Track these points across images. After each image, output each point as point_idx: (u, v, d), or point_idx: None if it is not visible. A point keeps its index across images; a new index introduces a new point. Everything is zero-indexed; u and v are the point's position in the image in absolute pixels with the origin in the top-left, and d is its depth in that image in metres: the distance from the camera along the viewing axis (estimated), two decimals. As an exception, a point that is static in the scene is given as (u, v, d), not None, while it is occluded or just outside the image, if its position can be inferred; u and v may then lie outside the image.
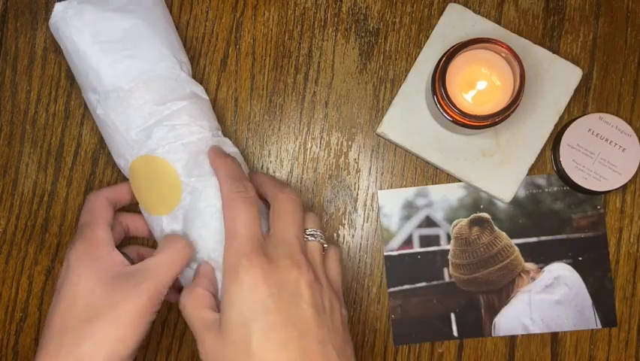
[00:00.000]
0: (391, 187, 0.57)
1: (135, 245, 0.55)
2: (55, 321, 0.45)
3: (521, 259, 0.57)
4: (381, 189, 0.57)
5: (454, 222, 0.57)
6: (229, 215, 0.47)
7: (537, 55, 0.56)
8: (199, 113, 0.51)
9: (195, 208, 0.49)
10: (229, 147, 0.52)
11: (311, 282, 0.45)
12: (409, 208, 0.57)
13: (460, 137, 0.56)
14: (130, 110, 0.49)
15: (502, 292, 0.56)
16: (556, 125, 0.56)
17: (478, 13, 0.57)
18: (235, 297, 0.44)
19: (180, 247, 0.48)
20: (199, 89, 0.52)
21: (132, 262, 0.49)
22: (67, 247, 0.49)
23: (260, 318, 0.43)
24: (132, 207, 0.54)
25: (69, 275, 0.46)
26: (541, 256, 0.57)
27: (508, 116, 0.51)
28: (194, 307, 0.46)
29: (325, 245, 0.49)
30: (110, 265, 0.47)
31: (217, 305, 0.46)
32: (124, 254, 0.49)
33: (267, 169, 0.58)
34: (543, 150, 0.56)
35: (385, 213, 0.57)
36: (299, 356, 0.43)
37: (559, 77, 0.56)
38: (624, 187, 0.56)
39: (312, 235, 0.48)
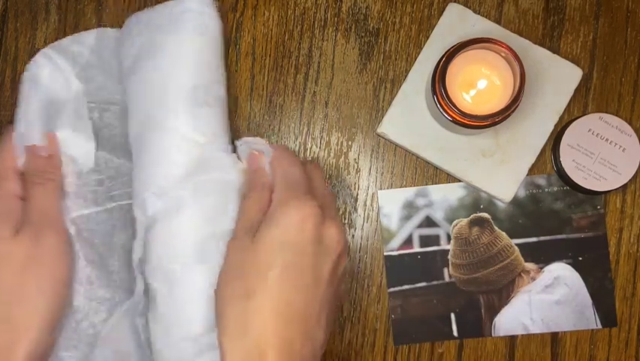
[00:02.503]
0: (391, 187, 0.57)
1: None
2: None
3: (521, 259, 0.57)
4: (381, 189, 0.57)
5: (454, 222, 0.57)
6: (279, 166, 0.49)
7: (537, 55, 0.56)
8: None
9: None
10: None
11: (341, 254, 0.47)
12: (409, 208, 0.57)
13: (460, 137, 0.56)
14: None
15: (502, 292, 0.56)
16: (556, 125, 0.56)
17: (478, 13, 0.57)
18: (283, 221, 0.44)
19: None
20: None
21: None
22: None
23: (295, 254, 0.44)
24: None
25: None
26: (541, 256, 0.57)
27: (508, 116, 0.51)
28: (255, 200, 0.47)
29: None
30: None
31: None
32: None
33: (267, 169, 0.58)
34: (543, 150, 0.56)
35: (385, 213, 0.57)
36: (301, 304, 0.44)
37: (559, 77, 0.56)
38: (624, 187, 0.56)
39: None
